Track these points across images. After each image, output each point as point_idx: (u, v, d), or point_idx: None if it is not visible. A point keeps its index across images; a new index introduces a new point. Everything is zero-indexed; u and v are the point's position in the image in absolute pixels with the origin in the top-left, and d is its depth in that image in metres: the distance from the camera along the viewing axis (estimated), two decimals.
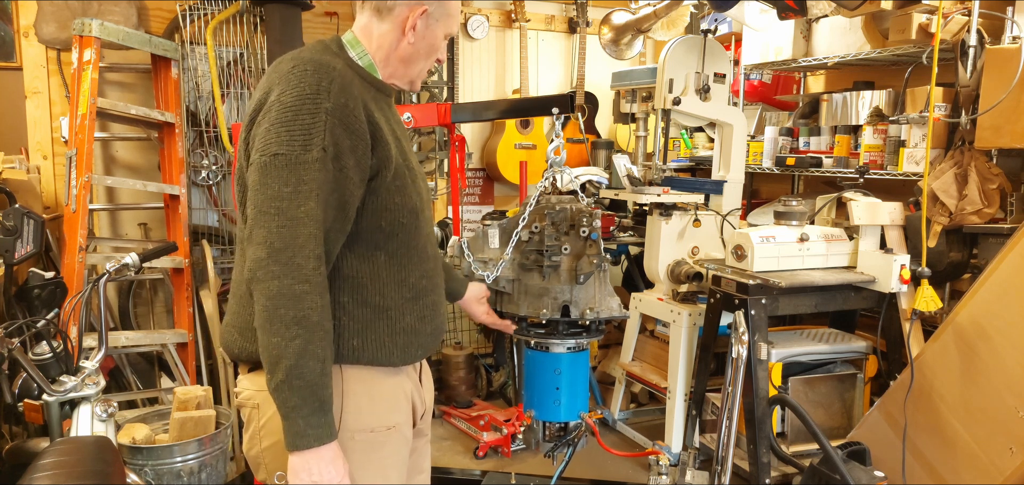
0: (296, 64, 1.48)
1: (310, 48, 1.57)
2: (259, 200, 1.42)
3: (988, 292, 2.50)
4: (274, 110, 1.43)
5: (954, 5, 2.89)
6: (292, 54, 1.54)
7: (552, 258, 3.08)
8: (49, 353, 2.26)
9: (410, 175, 1.60)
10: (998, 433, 2.40)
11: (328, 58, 1.51)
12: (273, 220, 1.39)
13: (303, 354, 1.37)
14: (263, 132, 1.44)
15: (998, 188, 2.71)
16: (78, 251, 3.18)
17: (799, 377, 2.93)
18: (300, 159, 1.39)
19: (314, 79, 1.44)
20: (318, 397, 1.39)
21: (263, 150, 1.42)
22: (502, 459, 3.30)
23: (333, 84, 1.44)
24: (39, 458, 1.63)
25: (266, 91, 1.49)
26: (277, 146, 1.40)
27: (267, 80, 1.52)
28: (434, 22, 1.60)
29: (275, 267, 1.37)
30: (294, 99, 1.42)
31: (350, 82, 1.49)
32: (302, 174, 1.39)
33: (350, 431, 1.53)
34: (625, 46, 4.25)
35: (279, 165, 1.40)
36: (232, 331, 1.61)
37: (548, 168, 3.12)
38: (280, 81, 1.47)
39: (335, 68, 1.48)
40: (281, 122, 1.42)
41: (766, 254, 2.81)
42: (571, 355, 3.26)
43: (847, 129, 3.45)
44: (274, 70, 1.53)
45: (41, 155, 3.77)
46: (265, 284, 1.38)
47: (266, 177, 1.41)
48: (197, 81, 3.89)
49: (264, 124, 1.44)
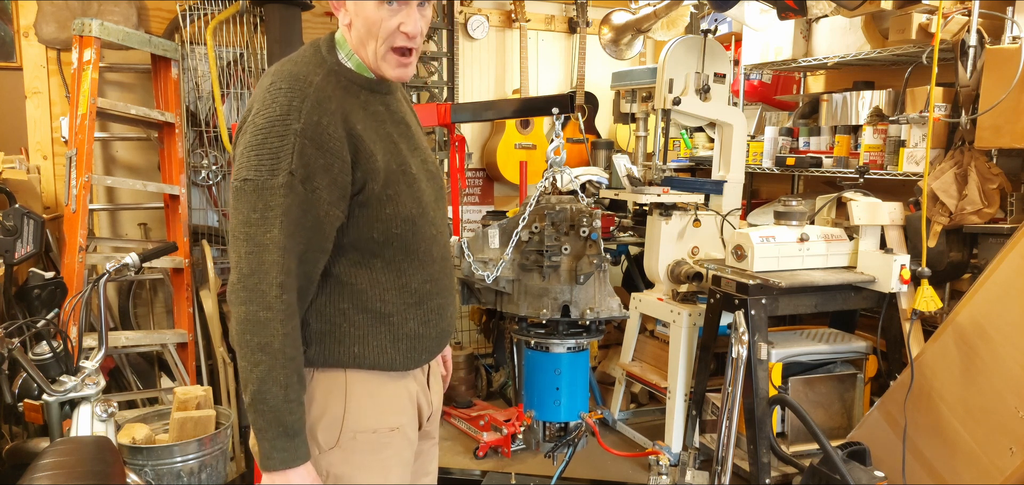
0: (273, 80, 1.46)
1: (297, 56, 1.54)
2: (232, 224, 1.43)
3: (988, 292, 2.50)
4: (248, 132, 1.43)
5: (954, 5, 2.89)
6: (278, 65, 1.51)
7: (552, 258, 3.08)
8: (49, 353, 2.26)
9: (406, 180, 1.55)
10: (998, 433, 2.40)
11: (307, 70, 1.47)
12: (243, 246, 1.40)
13: (265, 381, 1.38)
14: (238, 155, 1.44)
15: (998, 188, 2.71)
16: (78, 251, 3.18)
17: (799, 377, 2.93)
18: (267, 185, 1.39)
19: (285, 99, 1.41)
20: (281, 423, 1.40)
21: (236, 173, 1.43)
22: (502, 459, 3.30)
23: (305, 102, 1.41)
24: (39, 458, 1.63)
25: (249, 106, 1.49)
26: (247, 171, 1.41)
27: (255, 92, 1.52)
28: None
29: (243, 293, 1.39)
30: (265, 121, 1.41)
31: (326, 97, 1.44)
32: (269, 200, 1.39)
33: (352, 431, 1.53)
34: (625, 46, 4.25)
35: (248, 190, 1.40)
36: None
37: (548, 168, 3.13)
38: (258, 98, 1.46)
39: (311, 83, 1.44)
40: (251, 146, 1.41)
41: (766, 254, 2.81)
42: (571, 355, 3.26)
43: (847, 129, 3.45)
44: (260, 82, 1.51)
45: (41, 155, 3.77)
46: (235, 308, 1.40)
47: (238, 202, 1.42)
48: (197, 81, 3.89)
49: (240, 145, 1.45)
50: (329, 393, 1.53)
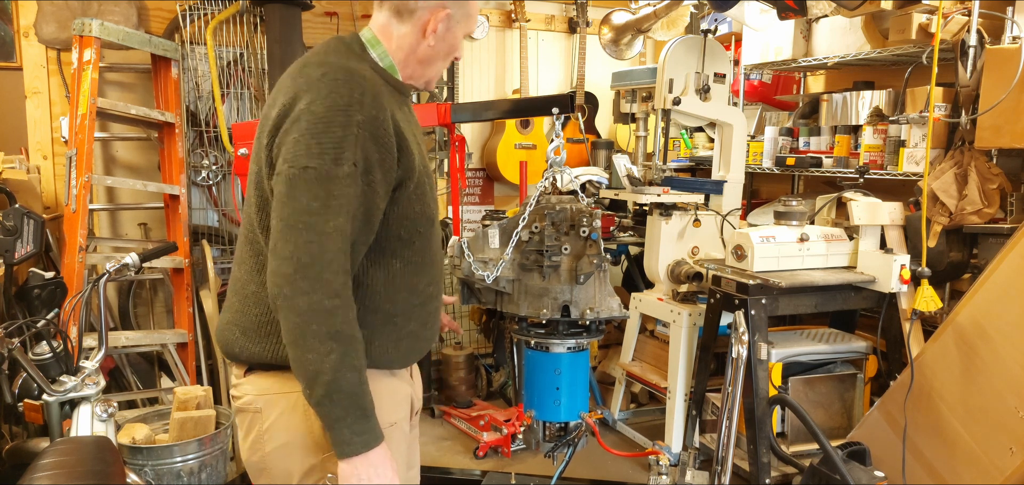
0: (326, 71, 1.45)
1: (335, 51, 1.53)
2: (286, 213, 1.39)
3: (988, 292, 2.50)
4: (304, 120, 1.40)
5: (954, 5, 2.89)
6: (318, 58, 1.50)
7: (552, 258, 3.08)
8: (49, 353, 2.26)
9: (429, 181, 1.60)
10: (998, 433, 2.40)
11: (357, 65, 1.48)
12: (301, 234, 1.37)
13: (340, 367, 1.38)
14: (291, 142, 1.40)
15: (998, 188, 2.71)
16: (78, 251, 3.18)
17: (799, 377, 2.93)
18: (331, 173, 1.38)
19: (346, 89, 1.41)
20: (359, 405, 1.41)
21: (292, 162, 1.39)
22: (502, 459, 3.30)
23: (365, 95, 1.42)
24: (39, 458, 1.63)
25: (292, 96, 1.45)
26: (307, 159, 1.38)
27: (292, 84, 1.48)
28: (455, 24, 1.58)
29: (304, 283, 1.36)
30: (325, 110, 1.39)
31: (380, 92, 1.46)
32: (332, 189, 1.38)
33: None
34: (625, 46, 4.25)
35: (309, 179, 1.38)
36: (233, 330, 1.59)
37: (548, 168, 3.12)
38: (309, 88, 1.43)
39: (366, 77, 1.45)
40: (311, 133, 1.39)
41: (766, 254, 2.81)
42: (571, 355, 3.26)
43: (847, 129, 3.45)
44: (300, 74, 1.49)
45: (41, 155, 3.77)
46: (294, 300, 1.37)
47: (294, 190, 1.38)
48: (197, 81, 3.89)
49: (293, 134, 1.41)
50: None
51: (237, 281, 1.62)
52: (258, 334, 1.54)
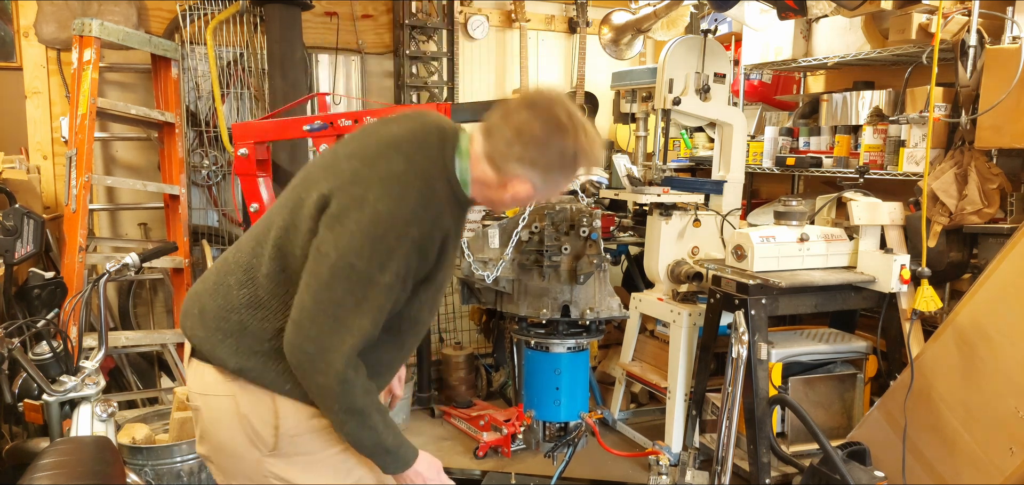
0: (407, 172, 1.48)
1: (426, 148, 1.54)
2: (320, 295, 1.45)
3: (988, 292, 2.50)
4: (366, 215, 1.44)
5: (954, 5, 2.89)
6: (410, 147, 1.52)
7: (552, 258, 3.08)
8: (49, 353, 2.26)
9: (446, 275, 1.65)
10: (998, 433, 2.40)
11: (436, 177, 1.52)
12: (328, 324, 1.45)
13: (357, 433, 1.53)
14: (347, 231, 1.44)
15: (998, 188, 2.71)
16: (78, 251, 3.18)
17: (799, 377, 2.93)
18: (373, 279, 1.44)
19: (413, 203, 1.46)
20: (383, 448, 1.55)
21: (341, 252, 1.43)
22: (502, 459, 3.30)
23: (427, 212, 1.48)
24: (39, 458, 1.63)
25: (369, 171, 1.47)
26: (355, 257, 1.43)
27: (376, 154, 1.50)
28: (535, 193, 1.59)
29: (321, 365, 1.46)
30: (387, 216, 1.44)
31: (442, 211, 1.51)
32: (369, 293, 1.45)
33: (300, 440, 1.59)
34: (625, 46, 4.25)
35: (352, 277, 1.43)
36: (209, 328, 1.59)
37: None
38: (385, 182, 1.46)
39: (436, 193, 1.50)
40: (367, 234, 1.43)
41: (766, 254, 2.81)
42: (571, 355, 3.26)
43: (847, 129, 3.45)
44: (388, 151, 1.50)
45: (41, 155, 3.77)
46: (311, 377, 1.48)
47: (334, 280, 1.44)
48: (197, 81, 3.89)
49: (351, 221, 1.44)
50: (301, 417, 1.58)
51: (221, 277, 1.62)
52: (236, 343, 1.57)
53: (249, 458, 1.59)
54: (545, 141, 1.49)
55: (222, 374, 1.57)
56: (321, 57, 4.25)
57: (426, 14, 4.31)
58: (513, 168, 1.51)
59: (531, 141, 1.49)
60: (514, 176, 1.52)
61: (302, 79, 3.85)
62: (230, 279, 1.59)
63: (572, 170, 1.56)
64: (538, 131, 1.48)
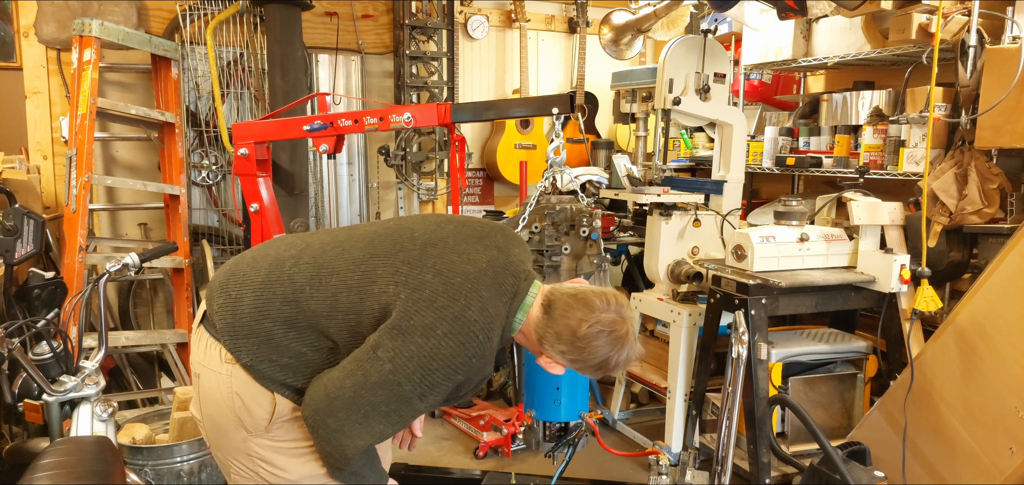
0: (478, 321, 1.52)
1: (500, 294, 1.59)
2: (361, 393, 1.52)
3: (988, 292, 2.50)
4: (429, 347, 1.49)
5: (954, 5, 2.89)
6: (490, 291, 1.57)
7: (552, 258, 3.08)
8: (49, 353, 2.26)
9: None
10: (998, 433, 2.40)
11: (496, 324, 1.58)
12: (358, 417, 1.53)
13: (342, 479, 1.63)
14: (407, 352, 1.49)
15: (998, 188, 2.71)
16: (78, 251, 3.18)
17: (799, 377, 2.93)
18: (411, 403, 1.54)
19: (471, 349, 1.52)
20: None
21: (396, 367, 1.50)
22: (502, 459, 3.30)
23: (476, 359, 1.54)
24: (39, 458, 1.62)
25: (439, 312, 1.51)
26: (406, 380, 1.50)
27: (454, 290, 1.53)
28: (570, 364, 1.66)
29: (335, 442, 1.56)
30: (447, 358, 1.50)
31: (491, 355, 1.59)
32: (403, 411, 1.55)
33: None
34: (625, 46, 4.25)
35: (395, 393, 1.52)
36: (239, 321, 1.61)
37: (548, 168, 3.12)
38: (453, 321, 1.50)
39: (492, 344, 1.57)
40: (423, 366, 1.50)
41: (766, 254, 2.81)
42: None
43: (847, 129, 3.45)
44: (462, 294, 1.53)
45: (41, 155, 3.77)
46: (321, 442, 1.58)
47: (379, 387, 1.51)
48: (197, 81, 3.89)
49: (413, 345, 1.49)
50: (294, 407, 1.65)
51: (280, 284, 1.63)
52: (246, 330, 1.61)
53: (236, 437, 1.64)
54: (592, 352, 1.60)
55: (231, 359, 1.61)
56: (321, 57, 4.25)
57: (426, 14, 4.31)
58: (554, 353, 1.63)
59: (581, 349, 1.59)
60: (552, 357, 1.64)
61: (302, 79, 3.85)
62: (277, 289, 1.61)
63: (602, 373, 1.67)
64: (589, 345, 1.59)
